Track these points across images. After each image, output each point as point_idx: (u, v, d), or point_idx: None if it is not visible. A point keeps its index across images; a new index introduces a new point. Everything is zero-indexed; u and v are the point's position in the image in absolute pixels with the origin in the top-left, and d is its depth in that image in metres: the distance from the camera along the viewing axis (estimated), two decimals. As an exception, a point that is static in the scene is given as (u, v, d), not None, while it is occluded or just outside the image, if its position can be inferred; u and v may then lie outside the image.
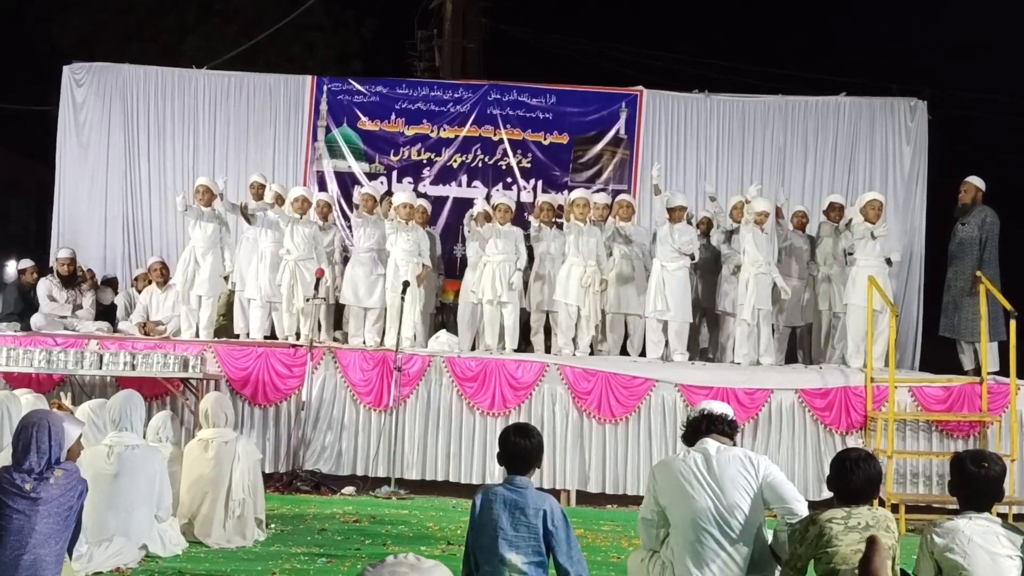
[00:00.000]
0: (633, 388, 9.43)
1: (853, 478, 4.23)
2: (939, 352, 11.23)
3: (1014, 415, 9.07)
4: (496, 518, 4.39)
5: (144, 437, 6.62)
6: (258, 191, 10.99)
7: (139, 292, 11.18)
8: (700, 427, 4.63)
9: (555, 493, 9.07)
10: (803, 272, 10.72)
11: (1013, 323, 8.98)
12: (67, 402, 6.93)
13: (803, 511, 4.37)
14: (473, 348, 10.37)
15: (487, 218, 10.42)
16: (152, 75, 12.71)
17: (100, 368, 8.82)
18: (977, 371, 9.56)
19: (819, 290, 10.65)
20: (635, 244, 10.54)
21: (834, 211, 10.73)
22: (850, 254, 10.10)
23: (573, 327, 10.12)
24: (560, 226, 10.60)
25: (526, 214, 11.29)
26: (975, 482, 4.16)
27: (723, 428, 4.61)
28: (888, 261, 9.90)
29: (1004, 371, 9.32)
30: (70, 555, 4.73)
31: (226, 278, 10.80)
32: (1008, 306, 9.13)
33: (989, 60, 19.50)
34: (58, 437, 4.62)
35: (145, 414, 6.74)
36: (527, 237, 10.63)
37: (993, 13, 19.49)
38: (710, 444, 4.54)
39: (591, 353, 10.22)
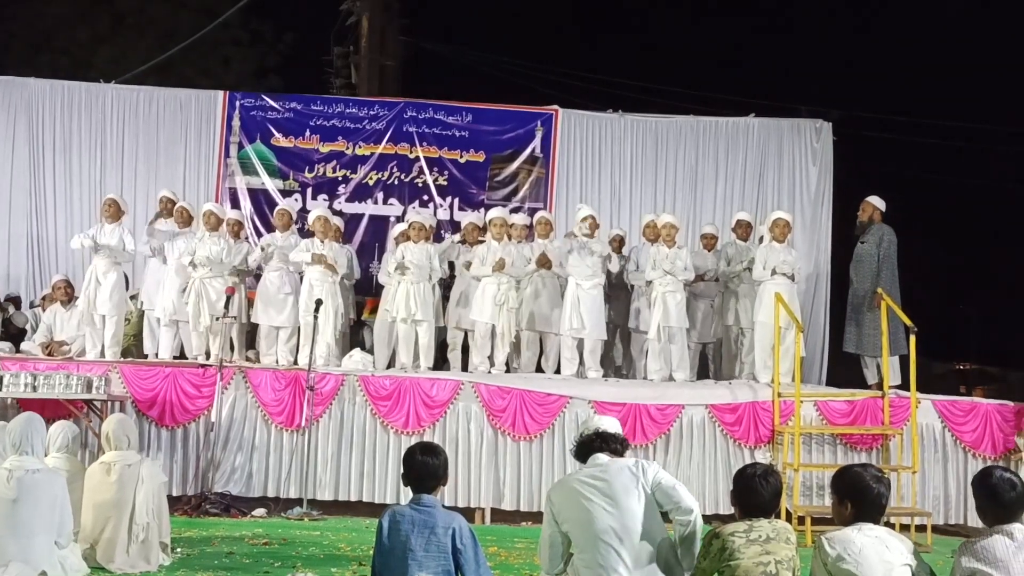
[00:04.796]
0: (547, 405, 9.47)
1: (761, 493, 4.32)
2: (845, 367, 11.51)
3: (915, 428, 9.31)
4: (405, 539, 4.37)
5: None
6: (166, 206, 10.81)
7: (44, 311, 10.89)
8: (592, 445, 4.66)
9: (470, 511, 9.05)
10: (710, 290, 10.91)
11: (913, 338, 9.23)
12: None
13: (691, 505, 4.43)
14: (390, 366, 10.32)
15: (407, 237, 10.40)
16: (59, 89, 12.45)
17: (0, 390, 8.56)
18: (880, 385, 9.81)
19: (728, 307, 10.84)
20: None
21: (741, 228, 10.95)
22: (748, 269, 10.36)
23: (488, 345, 10.15)
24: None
25: (443, 232, 11.30)
26: (877, 498, 4.22)
27: (615, 447, 4.65)
28: (792, 277, 10.10)
29: (906, 385, 9.57)
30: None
31: (134, 297, 10.59)
32: (908, 322, 9.38)
33: (893, 83, 20.16)
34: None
35: (47, 437, 6.57)
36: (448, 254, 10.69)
37: (896, 38, 20.20)
38: (601, 458, 4.59)
39: (507, 371, 10.24)
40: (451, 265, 10.95)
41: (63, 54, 18.60)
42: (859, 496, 4.24)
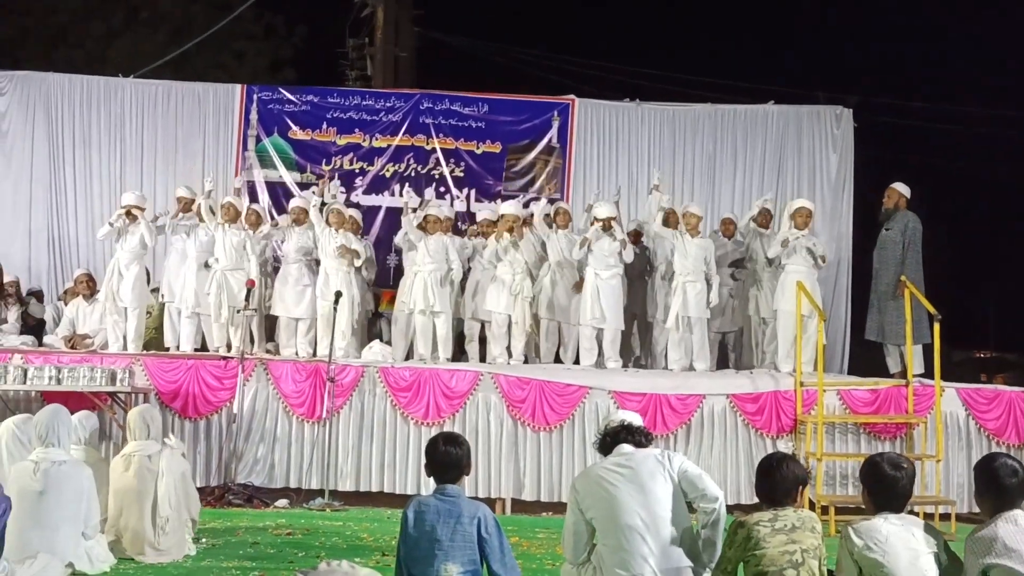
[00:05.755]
0: (567, 396, 9.46)
1: (782, 479, 4.31)
2: (867, 355, 11.44)
3: (939, 416, 9.25)
4: (431, 529, 4.37)
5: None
6: (185, 205, 10.78)
7: (66, 305, 10.94)
8: (619, 436, 4.66)
9: (490, 502, 9.06)
10: (729, 279, 10.86)
11: (937, 326, 9.17)
12: None
13: (716, 493, 4.45)
14: (408, 358, 10.33)
15: (424, 229, 10.38)
16: (77, 84, 12.47)
17: (25, 383, 8.63)
18: (903, 374, 9.74)
19: (749, 295, 10.80)
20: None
21: (763, 216, 10.89)
22: (772, 260, 10.30)
23: (505, 336, 10.14)
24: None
25: (461, 224, 11.28)
26: (894, 486, 4.23)
27: (640, 439, 4.64)
28: (818, 261, 10.03)
29: (929, 373, 9.51)
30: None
31: (155, 290, 10.62)
32: (932, 310, 9.31)
33: (912, 69, 20.04)
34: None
35: (73, 429, 6.61)
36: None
37: (915, 25, 20.07)
38: (625, 447, 4.59)
39: (525, 361, 10.24)
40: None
41: (78, 48, 18.66)
42: (877, 485, 4.25)
